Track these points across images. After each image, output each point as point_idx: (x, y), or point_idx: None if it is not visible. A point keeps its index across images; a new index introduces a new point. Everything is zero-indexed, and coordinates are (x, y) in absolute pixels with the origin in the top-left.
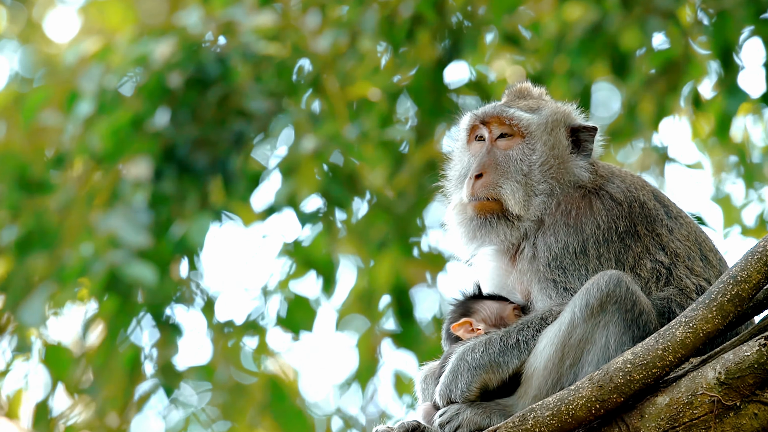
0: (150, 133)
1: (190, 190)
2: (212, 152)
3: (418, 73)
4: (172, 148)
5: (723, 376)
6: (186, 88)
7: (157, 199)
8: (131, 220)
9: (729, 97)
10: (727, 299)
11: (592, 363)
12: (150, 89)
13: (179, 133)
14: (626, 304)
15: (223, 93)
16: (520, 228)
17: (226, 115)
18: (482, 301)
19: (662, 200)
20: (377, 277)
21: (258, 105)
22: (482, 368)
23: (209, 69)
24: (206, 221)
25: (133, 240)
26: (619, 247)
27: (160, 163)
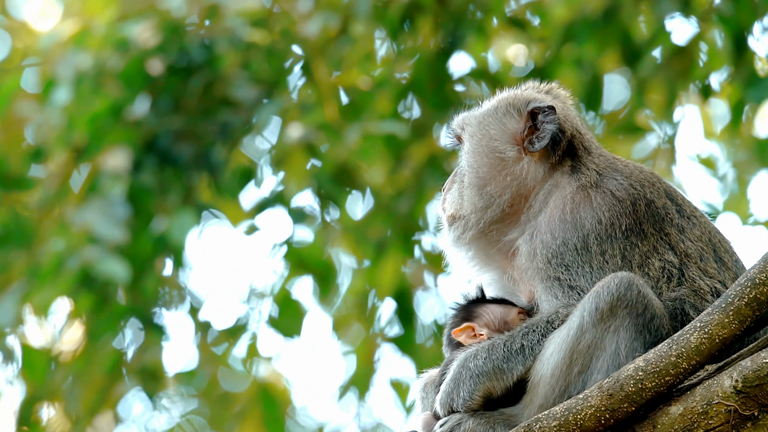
0: (129, 122)
1: (172, 184)
2: (196, 144)
3: (419, 64)
4: (154, 138)
5: (740, 385)
6: (168, 74)
7: (137, 192)
8: (108, 213)
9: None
10: (744, 303)
11: (601, 370)
12: (130, 75)
13: (161, 122)
14: (637, 308)
15: (208, 80)
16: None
17: (211, 104)
18: (485, 305)
19: (675, 198)
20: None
21: (245, 93)
22: (485, 375)
23: (193, 55)
24: (188, 218)
25: (109, 234)
26: (624, 244)
27: (140, 154)
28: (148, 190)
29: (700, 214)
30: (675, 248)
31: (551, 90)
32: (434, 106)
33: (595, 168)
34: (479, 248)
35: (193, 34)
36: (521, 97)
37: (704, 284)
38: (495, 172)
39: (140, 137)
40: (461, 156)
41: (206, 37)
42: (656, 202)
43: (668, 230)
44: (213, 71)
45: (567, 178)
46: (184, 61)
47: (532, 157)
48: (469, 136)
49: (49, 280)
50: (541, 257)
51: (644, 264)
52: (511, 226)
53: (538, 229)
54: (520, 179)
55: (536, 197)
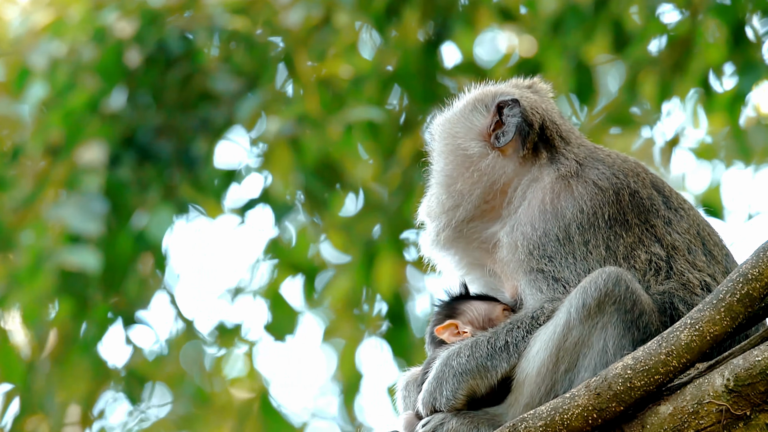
0: (106, 116)
1: (151, 180)
2: (176, 139)
3: (405, 56)
4: (132, 133)
5: (732, 383)
6: (146, 66)
7: (114, 188)
8: (84, 209)
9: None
10: (736, 299)
11: (589, 368)
12: (106, 67)
13: (139, 116)
14: (626, 304)
15: (188, 72)
16: (441, 224)
17: (190, 97)
18: (469, 301)
19: (661, 189)
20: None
21: (226, 85)
22: (469, 374)
23: (172, 46)
24: (168, 214)
25: (86, 229)
26: (607, 234)
27: (118, 149)
28: (125, 185)
29: (689, 206)
30: (662, 240)
31: (533, 85)
32: (421, 100)
33: (575, 158)
34: (459, 248)
35: (171, 24)
36: (489, 92)
37: (693, 278)
38: (462, 169)
39: (118, 131)
40: (431, 158)
41: (185, 28)
42: (641, 192)
43: (654, 222)
44: (193, 63)
45: (546, 170)
46: (162, 52)
47: (500, 152)
48: (438, 138)
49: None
50: (522, 249)
51: (630, 256)
52: (492, 223)
53: (519, 222)
54: (489, 175)
55: (515, 191)
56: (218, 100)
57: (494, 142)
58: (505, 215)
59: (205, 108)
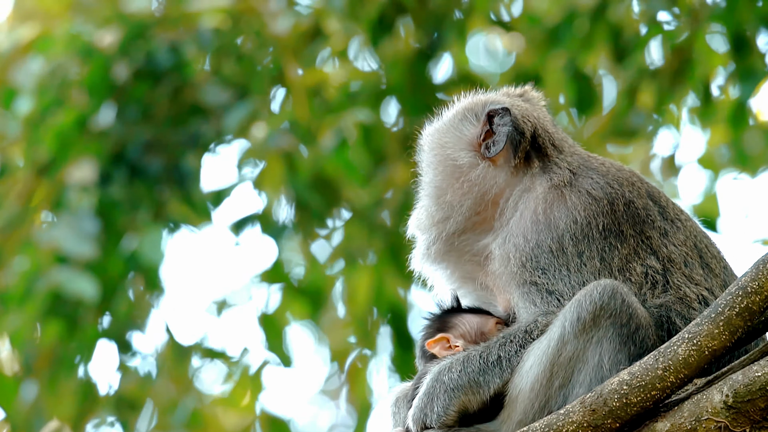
0: (95, 133)
1: (142, 197)
2: (166, 154)
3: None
4: (121, 149)
5: (731, 400)
6: (134, 81)
7: (106, 207)
8: (76, 229)
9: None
10: (735, 313)
11: (584, 384)
12: (94, 82)
13: (128, 132)
14: (622, 317)
15: (177, 85)
16: (431, 238)
17: (180, 111)
18: (461, 314)
19: (657, 199)
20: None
21: (216, 98)
22: (460, 389)
23: (160, 59)
24: (159, 234)
25: (78, 251)
26: (601, 245)
27: (108, 167)
28: (117, 204)
29: (686, 217)
30: (657, 252)
31: (524, 93)
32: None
33: (568, 167)
34: (451, 261)
35: (159, 36)
36: (479, 101)
37: (690, 291)
38: (452, 180)
39: (107, 148)
40: (420, 170)
41: (174, 40)
42: (636, 202)
43: (649, 233)
44: (182, 76)
45: (538, 179)
46: (150, 65)
47: (491, 162)
48: (427, 149)
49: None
50: (515, 261)
51: (625, 268)
52: (483, 235)
53: (511, 233)
54: (480, 185)
55: (506, 202)
56: (208, 114)
57: (485, 152)
58: (496, 227)
59: (195, 122)
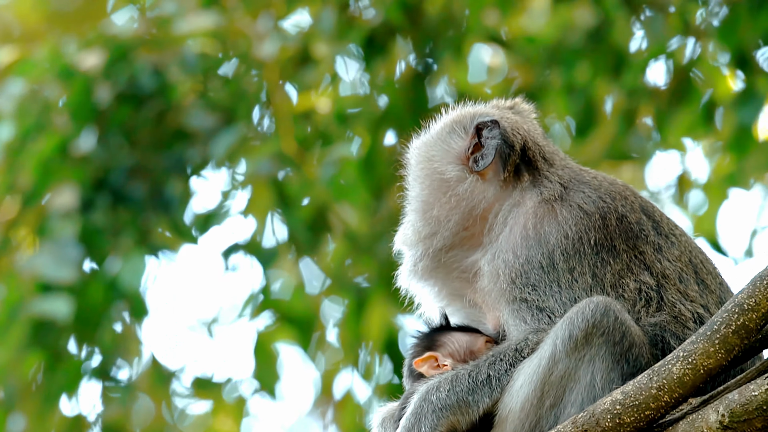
0: (76, 158)
1: (126, 223)
2: (150, 180)
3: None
4: (104, 175)
5: (727, 420)
6: (117, 104)
7: (88, 234)
8: (58, 256)
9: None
10: (731, 330)
11: (575, 403)
12: (76, 106)
13: (111, 157)
14: (615, 335)
15: (161, 109)
16: (418, 254)
17: (164, 136)
18: (450, 333)
19: (651, 214)
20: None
21: (201, 122)
22: (449, 409)
23: (143, 82)
24: (142, 260)
25: (61, 277)
26: (593, 260)
27: (90, 193)
28: (100, 231)
29: (681, 232)
30: (651, 268)
31: (515, 105)
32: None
33: (559, 180)
34: (438, 278)
35: (142, 59)
36: (467, 113)
37: (685, 309)
38: (439, 194)
39: (89, 174)
40: (407, 185)
41: (157, 63)
42: (629, 216)
43: (643, 248)
44: (165, 99)
45: (528, 194)
46: (134, 88)
47: (479, 176)
48: (414, 163)
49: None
50: (504, 278)
51: (618, 285)
52: (472, 251)
53: (500, 249)
54: (468, 200)
55: (495, 217)
56: (193, 138)
57: (473, 166)
58: (485, 242)
59: (179, 146)
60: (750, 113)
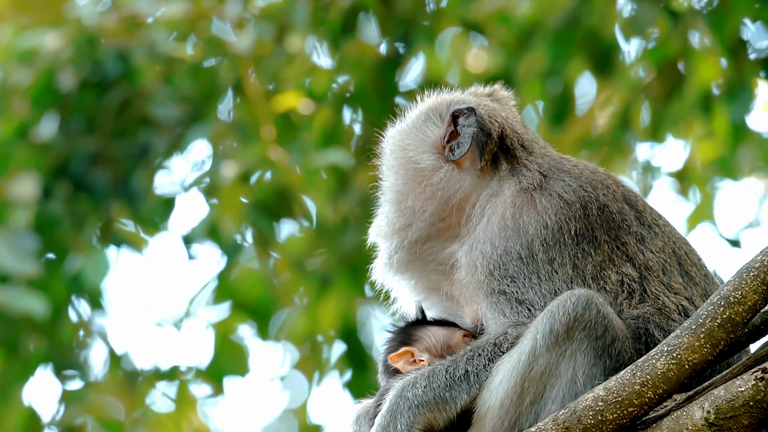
0: (37, 145)
1: (87, 214)
2: (113, 169)
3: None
4: (65, 162)
5: (712, 416)
6: (80, 90)
7: (46, 223)
8: (15, 246)
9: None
10: (717, 324)
11: (556, 400)
12: (37, 91)
13: (73, 145)
14: (597, 329)
15: (125, 97)
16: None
17: (129, 124)
18: (426, 327)
19: (634, 204)
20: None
21: (167, 112)
22: (425, 406)
23: (108, 68)
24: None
25: (19, 269)
26: (574, 251)
27: (50, 181)
28: (59, 220)
29: (664, 222)
30: (633, 260)
31: (493, 92)
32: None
33: (539, 169)
34: (414, 271)
35: (108, 45)
36: (443, 101)
37: (669, 301)
38: (414, 184)
39: (49, 161)
40: (381, 175)
41: (123, 48)
42: (611, 206)
43: (625, 239)
44: (131, 86)
45: (506, 183)
46: (98, 75)
47: (456, 165)
48: (388, 152)
49: None
50: (482, 270)
51: (599, 276)
52: (449, 242)
53: (477, 240)
54: (444, 190)
55: (473, 207)
56: (159, 127)
57: (449, 155)
58: (462, 234)
59: (144, 134)
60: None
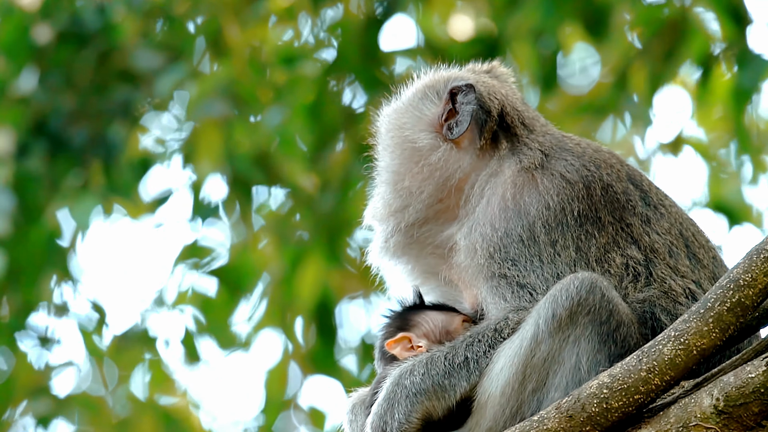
0: (13, 100)
1: (65, 171)
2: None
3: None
4: (43, 118)
5: (722, 404)
6: (58, 44)
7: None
8: None
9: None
10: (726, 308)
11: (559, 387)
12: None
13: (51, 100)
14: (601, 314)
15: (104, 50)
16: (389, 229)
17: (108, 78)
18: (424, 312)
19: (639, 183)
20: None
21: (147, 63)
22: (424, 394)
23: (86, 20)
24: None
25: None
26: (577, 233)
27: (27, 137)
28: (36, 178)
29: (670, 202)
30: (639, 241)
31: (492, 69)
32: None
33: (540, 147)
34: (411, 255)
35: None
36: (440, 78)
37: (676, 284)
38: (411, 164)
39: (27, 117)
40: (376, 155)
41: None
42: (615, 186)
43: (630, 220)
44: (109, 39)
45: (506, 162)
46: (75, 27)
47: (454, 144)
48: (384, 131)
49: None
50: (482, 252)
51: (603, 259)
52: (447, 224)
53: (477, 222)
54: (442, 170)
55: (472, 188)
56: (138, 81)
57: (447, 134)
58: (461, 215)
59: (123, 89)
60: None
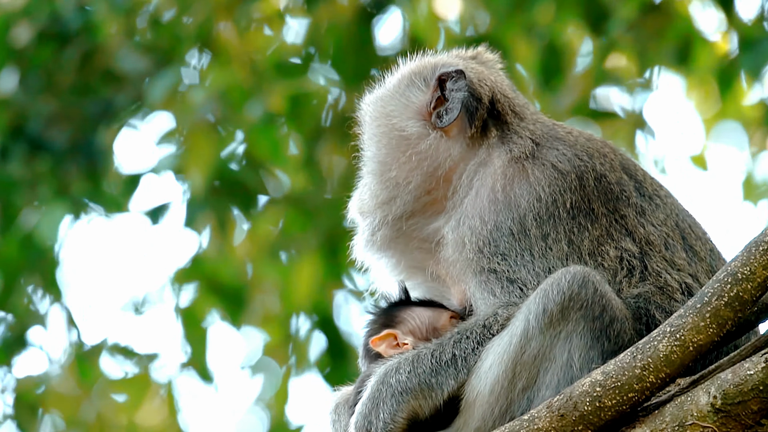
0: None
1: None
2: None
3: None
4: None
5: (719, 402)
6: (38, 44)
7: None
8: None
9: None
10: (724, 303)
11: (551, 385)
12: None
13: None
14: (594, 309)
15: (86, 50)
16: (375, 222)
17: (90, 79)
18: (410, 308)
19: (633, 173)
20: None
21: (132, 65)
22: (410, 393)
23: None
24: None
25: None
26: (569, 225)
27: (6, 141)
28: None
29: (666, 192)
30: (633, 234)
31: (477, 55)
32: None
33: (531, 136)
34: (398, 249)
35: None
36: (428, 64)
37: (672, 279)
38: (398, 154)
39: (6, 120)
40: (362, 144)
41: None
42: (609, 176)
43: (624, 211)
44: (92, 39)
45: (496, 151)
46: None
47: (443, 133)
48: (369, 119)
49: None
50: (470, 246)
51: (596, 252)
52: (434, 217)
53: (465, 214)
54: (431, 159)
55: (460, 179)
56: (123, 82)
57: (436, 122)
58: (449, 207)
59: (107, 91)
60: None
